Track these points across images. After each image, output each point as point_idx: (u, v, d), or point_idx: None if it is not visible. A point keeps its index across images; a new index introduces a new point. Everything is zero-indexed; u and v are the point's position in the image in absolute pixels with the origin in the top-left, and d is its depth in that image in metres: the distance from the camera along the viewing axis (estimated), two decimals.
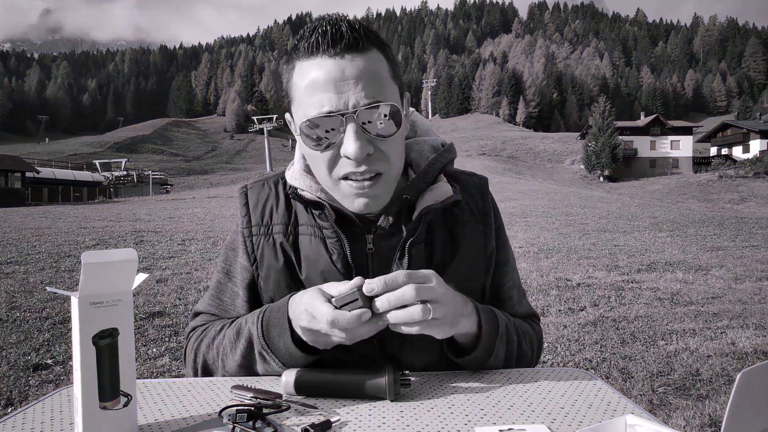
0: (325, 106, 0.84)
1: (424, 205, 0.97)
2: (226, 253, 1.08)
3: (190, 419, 0.78)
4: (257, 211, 1.04)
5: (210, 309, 1.08)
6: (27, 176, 38.17)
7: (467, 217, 1.04)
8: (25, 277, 6.88)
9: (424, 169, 1.01)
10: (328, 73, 0.84)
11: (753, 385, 0.45)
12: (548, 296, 6.27)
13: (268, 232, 1.02)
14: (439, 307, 0.80)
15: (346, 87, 0.84)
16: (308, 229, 1.00)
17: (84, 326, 0.68)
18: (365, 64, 0.85)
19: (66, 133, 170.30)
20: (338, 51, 0.84)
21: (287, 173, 1.04)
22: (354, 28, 0.86)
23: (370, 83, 0.85)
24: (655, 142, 70.46)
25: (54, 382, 3.52)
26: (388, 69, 0.89)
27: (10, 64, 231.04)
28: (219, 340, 0.99)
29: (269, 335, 0.90)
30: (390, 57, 0.91)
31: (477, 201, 1.06)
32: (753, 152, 63.21)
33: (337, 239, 0.96)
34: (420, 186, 0.99)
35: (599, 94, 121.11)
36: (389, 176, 0.92)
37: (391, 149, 0.90)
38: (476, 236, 1.03)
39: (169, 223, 15.07)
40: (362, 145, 0.85)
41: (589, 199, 27.46)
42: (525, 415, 0.78)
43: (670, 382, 3.60)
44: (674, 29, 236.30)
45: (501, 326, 0.95)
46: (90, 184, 51.77)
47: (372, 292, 0.79)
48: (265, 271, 1.01)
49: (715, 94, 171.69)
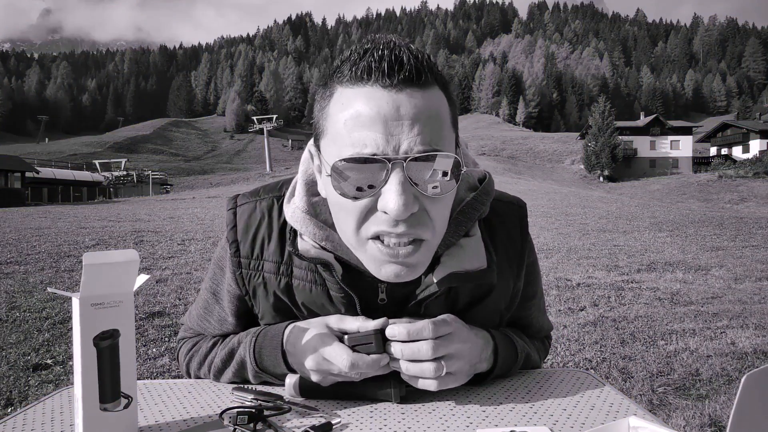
0: (369, 146, 0.68)
1: (450, 269, 0.81)
2: (214, 270, 0.97)
3: (191, 421, 0.78)
4: (246, 240, 0.89)
5: (198, 329, 1.03)
6: (27, 176, 38.15)
7: (501, 265, 0.90)
8: (24, 277, 6.88)
9: (456, 219, 0.83)
10: (378, 107, 0.68)
11: (758, 388, 0.44)
12: (548, 296, 6.27)
13: (259, 268, 0.89)
14: (455, 362, 0.78)
15: (399, 128, 0.68)
16: (307, 275, 0.86)
17: (85, 327, 0.67)
18: (426, 104, 0.69)
19: (66, 133, 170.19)
20: (395, 83, 0.68)
21: (285, 207, 0.87)
22: (417, 56, 0.70)
23: (429, 127, 0.69)
24: (655, 142, 70.49)
25: (54, 382, 3.52)
26: (449, 113, 0.74)
27: (10, 64, 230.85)
28: (210, 359, 0.96)
29: (263, 363, 0.87)
30: (452, 99, 0.75)
31: (515, 241, 0.93)
32: (753, 152, 63.19)
33: (345, 295, 0.84)
34: (450, 240, 0.82)
35: (599, 94, 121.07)
36: (430, 245, 0.76)
37: (440, 213, 0.74)
38: (506, 282, 0.92)
39: (169, 223, 15.07)
40: (408, 201, 0.67)
41: (589, 199, 27.46)
42: (527, 417, 0.77)
43: (670, 382, 3.59)
44: (674, 29, 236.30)
45: (519, 358, 0.93)
46: (90, 184, 51.73)
47: (394, 338, 0.77)
48: (261, 309, 0.92)
49: (714, 94, 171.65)
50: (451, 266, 0.82)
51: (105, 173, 58.39)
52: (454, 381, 0.80)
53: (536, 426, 0.74)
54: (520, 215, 0.95)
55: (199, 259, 8.50)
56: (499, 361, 0.88)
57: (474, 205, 0.85)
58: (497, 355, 0.88)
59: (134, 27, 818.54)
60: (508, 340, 0.92)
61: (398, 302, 0.86)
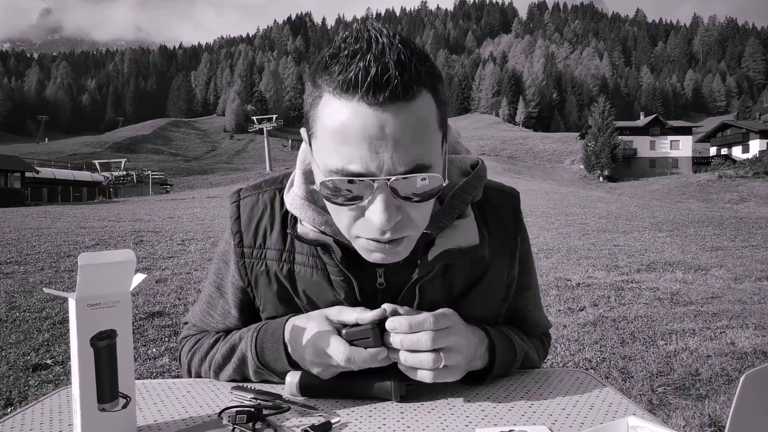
0: (354, 163, 0.69)
1: (444, 248, 0.85)
2: (218, 265, 1.00)
3: (189, 420, 0.78)
4: (249, 230, 0.93)
5: (202, 325, 1.05)
6: (26, 176, 38.15)
7: (494, 249, 0.93)
8: (24, 277, 6.88)
9: (449, 202, 0.87)
10: (363, 126, 0.68)
11: (757, 387, 0.44)
12: (548, 296, 6.26)
13: (261, 256, 0.92)
14: (453, 355, 0.79)
15: (383, 147, 0.68)
16: (308, 260, 0.89)
17: (82, 328, 0.67)
18: (410, 119, 0.69)
19: (65, 133, 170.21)
20: (381, 101, 0.67)
21: (285, 196, 0.90)
22: (405, 66, 0.67)
23: (413, 143, 0.70)
24: (655, 142, 70.54)
25: (53, 382, 3.52)
26: (436, 114, 0.74)
27: (10, 64, 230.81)
28: (212, 355, 0.97)
29: (264, 358, 0.89)
30: (439, 95, 0.74)
31: (507, 228, 0.95)
32: (752, 152, 63.24)
33: (344, 278, 0.87)
34: (443, 221, 0.86)
35: (599, 94, 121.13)
36: (413, 238, 0.80)
37: (422, 213, 0.77)
38: (501, 269, 0.94)
39: (169, 223, 15.07)
40: (391, 216, 0.72)
41: (589, 199, 27.46)
42: (526, 417, 0.77)
43: (670, 382, 3.59)
44: (674, 29, 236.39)
45: (518, 356, 0.94)
46: (89, 184, 51.71)
47: (394, 330, 0.78)
48: (262, 299, 0.94)
49: (714, 94, 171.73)
50: (444, 245, 0.86)
51: (105, 173, 58.37)
52: (450, 375, 0.80)
53: (535, 425, 0.74)
54: (513, 203, 0.97)
55: (199, 259, 8.50)
56: (497, 360, 0.88)
57: (466, 189, 0.88)
58: (494, 353, 0.88)
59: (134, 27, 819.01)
60: (505, 339, 0.92)
61: (397, 287, 0.88)
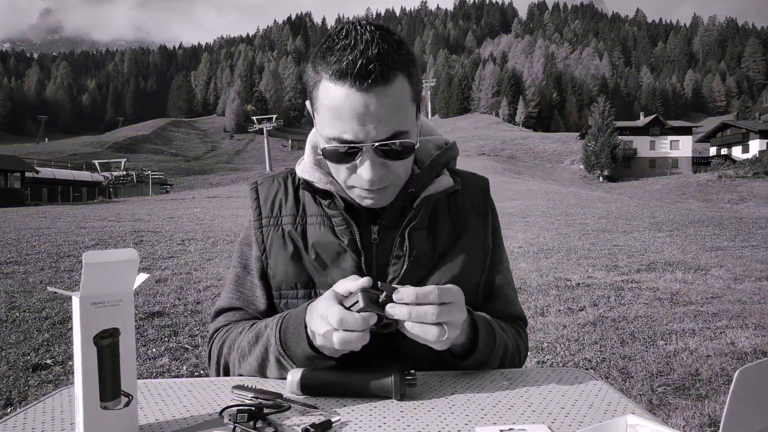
0: (347, 133, 0.90)
1: (426, 194, 1.04)
2: (241, 249, 1.13)
3: (190, 419, 0.78)
4: (267, 204, 1.10)
5: (232, 303, 1.12)
6: (26, 176, 38.14)
7: (469, 209, 1.11)
8: (24, 277, 6.88)
9: (428, 165, 1.08)
10: (353, 106, 0.87)
11: (751, 383, 0.45)
12: (548, 296, 6.27)
13: (278, 223, 1.08)
14: (452, 330, 0.85)
15: (369, 120, 0.88)
16: (317, 218, 1.06)
17: (85, 326, 0.68)
18: (389, 99, 0.88)
19: (65, 133, 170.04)
20: (365, 87, 0.86)
21: (297, 167, 1.09)
22: (383, 58, 0.86)
23: (391, 116, 0.89)
24: (655, 142, 70.49)
25: (53, 382, 3.52)
26: (410, 92, 0.93)
27: (10, 64, 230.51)
28: (239, 341, 1.02)
29: (286, 342, 0.93)
30: (412, 76, 0.93)
31: (479, 198, 1.13)
32: (752, 152, 63.22)
33: (347, 226, 1.02)
34: (425, 180, 1.06)
35: (599, 94, 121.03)
36: (397, 186, 1.00)
37: (403, 167, 0.97)
38: (477, 230, 1.10)
39: (169, 223, 15.07)
40: (377, 171, 0.93)
41: (589, 199, 27.47)
42: (525, 415, 0.78)
43: (670, 382, 3.60)
44: (674, 29, 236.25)
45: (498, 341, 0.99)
46: (89, 184, 51.69)
47: (402, 301, 0.82)
48: (274, 261, 1.06)
49: (714, 94, 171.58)
50: (426, 193, 1.04)
51: (105, 173, 58.35)
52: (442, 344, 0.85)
53: (534, 424, 0.74)
54: (483, 183, 1.16)
55: (199, 259, 8.50)
56: (481, 335, 0.94)
57: (442, 156, 1.11)
58: (476, 330, 0.95)
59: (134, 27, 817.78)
60: (485, 320, 0.99)
61: (388, 242, 1.03)
